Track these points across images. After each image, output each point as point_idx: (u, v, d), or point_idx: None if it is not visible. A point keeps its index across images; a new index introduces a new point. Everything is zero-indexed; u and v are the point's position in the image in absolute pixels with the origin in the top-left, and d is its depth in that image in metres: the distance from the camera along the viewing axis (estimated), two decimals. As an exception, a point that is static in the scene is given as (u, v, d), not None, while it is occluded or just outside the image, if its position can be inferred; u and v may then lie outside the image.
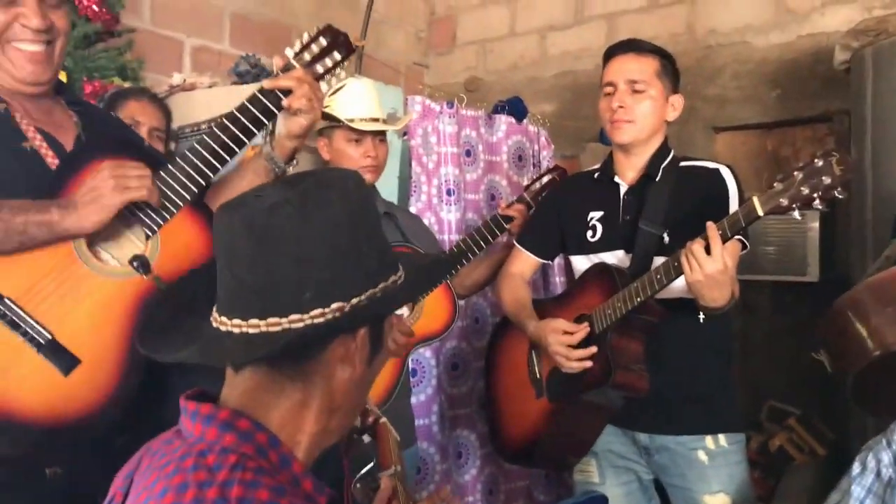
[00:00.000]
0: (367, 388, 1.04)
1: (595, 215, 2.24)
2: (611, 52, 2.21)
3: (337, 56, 1.70)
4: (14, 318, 1.40)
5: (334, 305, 0.93)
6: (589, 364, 2.06)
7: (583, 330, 2.09)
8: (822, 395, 3.50)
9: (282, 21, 4.16)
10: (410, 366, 2.73)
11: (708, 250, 1.81)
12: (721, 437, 2.12)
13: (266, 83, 1.64)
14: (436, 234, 3.16)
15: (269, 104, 1.62)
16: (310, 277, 0.92)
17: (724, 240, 1.82)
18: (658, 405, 2.10)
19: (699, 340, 2.11)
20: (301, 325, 0.92)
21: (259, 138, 2.75)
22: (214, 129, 1.60)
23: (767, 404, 3.68)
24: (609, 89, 2.17)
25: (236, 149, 1.60)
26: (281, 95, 1.63)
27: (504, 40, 4.78)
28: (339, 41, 1.71)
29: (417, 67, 4.98)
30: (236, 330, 0.93)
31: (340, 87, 2.41)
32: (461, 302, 3.18)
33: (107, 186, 1.45)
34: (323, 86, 1.72)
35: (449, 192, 3.19)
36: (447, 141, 3.19)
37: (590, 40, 4.42)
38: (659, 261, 2.05)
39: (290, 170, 1.73)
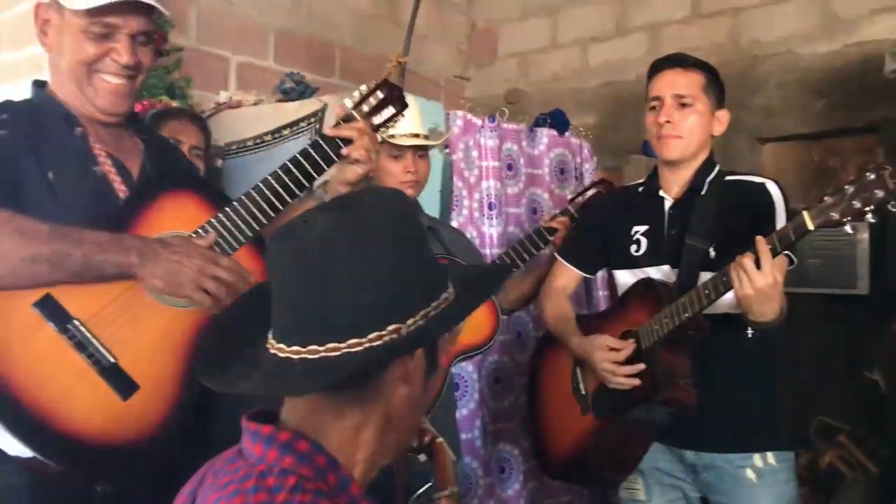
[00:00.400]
0: (423, 408, 1.05)
1: (639, 229, 2.23)
2: (656, 67, 2.20)
3: (391, 110, 1.76)
4: (82, 339, 1.45)
5: (391, 328, 0.94)
6: (636, 381, 2.05)
7: (629, 346, 2.08)
8: (873, 411, 3.42)
9: (325, 37, 4.21)
10: (453, 380, 2.74)
11: (758, 264, 1.80)
12: (769, 456, 2.08)
13: (328, 131, 1.70)
14: (477, 248, 3.17)
15: (329, 151, 1.68)
16: (365, 301, 0.93)
17: (774, 254, 1.80)
18: (705, 422, 2.07)
19: (747, 356, 2.08)
20: (360, 348, 0.93)
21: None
22: (278, 171, 1.65)
23: (816, 420, 3.60)
24: (655, 104, 2.16)
25: (297, 192, 1.65)
26: (341, 144, 1.68)
27: (545, 52, 4.78)
28: (394, 95, 1.76)
29: (458, 80, 5.00)
30: (295, 356, 0.94)
31: None
32: (504, 316, 3.18)
33: (188, 275, 1.49)
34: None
35: (490, 206, 3.19)
36: (488, 155, 3.20)
37: (632, 51, 4.40)
38: (705, 275, 2.03)
39: None
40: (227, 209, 1.61)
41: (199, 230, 1.60)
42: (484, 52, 5.03)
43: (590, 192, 2.59)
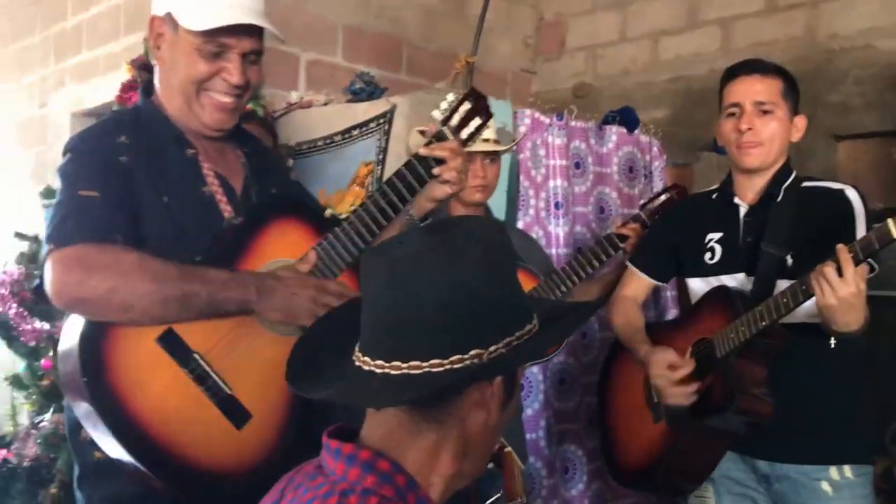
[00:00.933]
0: (499, 433, 1.06)
1: (713, 237, 2.19)
2: (732, 73, 2.15)
3: (478, 121, 1.76)
4: (201, 373, 1.51)
5: (473, 352, 0.95)
6: (692, 399, 2.04)
7: (688, 366, 2.07)
8: (953, 419, 3.30)
9: (392, 33, 4.23)
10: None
11: (840, 273, 1.75)
12: (846, 469, 2.03)
13: (422, 151, 1.71)
14: (543, 248, 3.15)
15: (422, 172, 1.70)
16: (451, 324, 0.94)
17: (857, 262, 1.76)
18: (781, 432, 2.03)
19: (826, 366, 2.03)
20: (440, 369, 0.94)
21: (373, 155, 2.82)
22: (375, 195, 1.69)
23: (893, 427, 3.50)
24: (734, 110, 2.11)
25: (393, 214, 1.69)
26: (433, 164, 1.70)
27: (615, 45, 4.71)
28: (480, 106, 1.76)
29: (525, 74, 4.96)
30: (378, 370, 0.97)
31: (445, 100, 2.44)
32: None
33: (304, 305, 1.57)
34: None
35: (557, 206, 3.17)
36: (556, 153, 3.18)
37: (704, 45, 4.30)
38: (782, 283, 1.99)
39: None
40: (330, 236, 1.67)
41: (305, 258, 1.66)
42: (552, 46, 4.98)
43: (662, 198, 2.54)
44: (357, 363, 1.00)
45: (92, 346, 1.45)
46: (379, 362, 0.97)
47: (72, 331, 1.49)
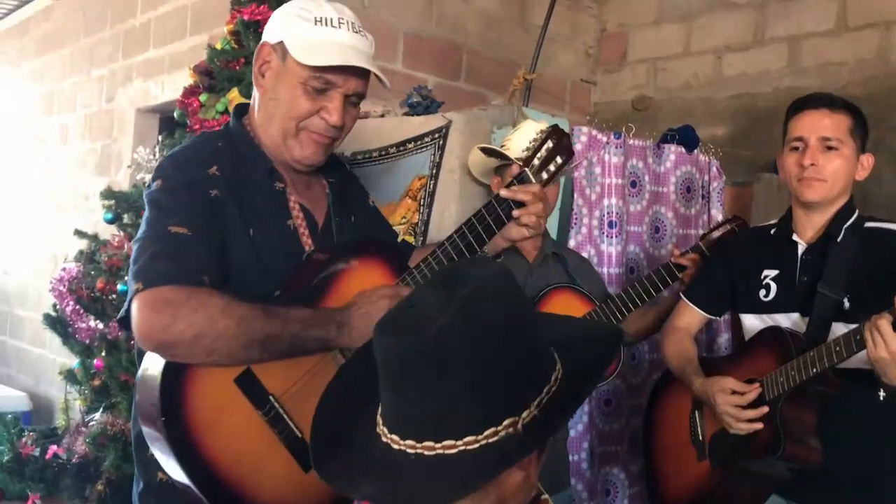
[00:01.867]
0: (535, 484, 1.04)
1: (769, 274, 2.14)
2: (800, 105, 2.10)
3: (559, 160, 1.75)
4: (276, 415, 1.51)
5: (507, 422, 0.93)
6: (759, 426, 1.98)
7: (754, 390, 2.01)
8: None
9: (453, 40, 4.22)
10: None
11: (895, 327, 1.70)
12: (894, 522, 1.97)
13: (504, 192, 1.68)
14: (595, 267, 3.12)
15: (502, 214, 1.67)
16: (481, 398, 0.93)
17: None
18: (828, 481, 1.98)
19: (879, 419, 1.97)
20: (476, 446, 0.93)
21: (427, 169, 2.82)
22: (454, 236, 1.67)
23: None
24: (798, 144, 2.06)
25: (469, 256, 1.67)
26: (513, 206, 1.68)
27: (677, 59, 4.64)
28: (562, 144, 1.75)
29: (584, 85, 4.92)
30: (410, 450, 0.95)
31: (518, 128, 2.43)
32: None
33: (378, 314, 1.52)
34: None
35: (611, 225, 3.13)
36: (612, 172, 3.13)
37: (770, 63, 4.21)
38: (838, 327, 1.94)
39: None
40: (408, 279, 1.66)
41: None
42: (613, 57, 4.93)
43: (722, 229, 2.48)
44: (384, 439, 0.98)
45: (173, 383, 1.45)
46: (409, 442, 0.95)
47: (154, 362, 1.49)
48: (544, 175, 1.74)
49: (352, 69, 1.59)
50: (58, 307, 3.17)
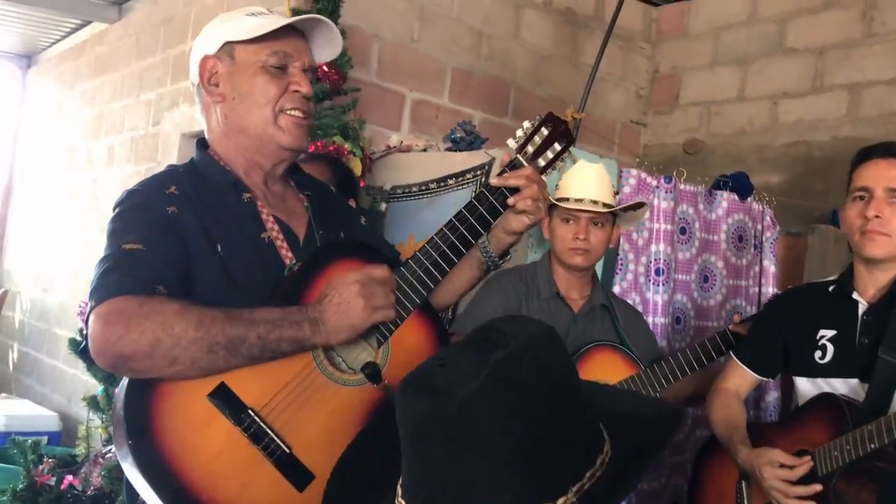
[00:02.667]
0: None
1: (826, 334, 2.00)
2: (865, 155, 1.98)
3: (557, 147, 1.62)
4: (257, 430, 1.40)
5: None
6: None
7: (804, 465, 1.86)
8: None
9: (501, 77, 4.16)
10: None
11: None
12: None
13: (494, 181, 1.59)
14: (653, 334, 2.98)
15: (495, 202, 1.57)
16: (507, 478, 0.82)
17: None
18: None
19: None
20: None
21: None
22: (444, 229, 1.57)
23: None
24: (862, 194, 1.94)
25: (463, 249, 1.57)
26: (507, 193, 1.57)
27: (731, 103, 4.51)
28: (559, 130, 1.63)
29: (634, 126, 4.81)
30: None
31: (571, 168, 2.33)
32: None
33: (356, 305, 1.44)
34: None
35: (658, 272, 3.01)
36: (661, 217, 3.02)
37: (828, 110, 4.07)
38: None
39: (503, 265, 1.69)
40: (398, 272, 1.55)
41: None
42: (664, 98, 4.82)
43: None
44: None
45: (138, 403, 1.36)
46: None
47: (123, 382, 1.41)
48: (541, 162, 1.62)
49: (301, 43, 1.59)
50: (84, 331, 3.12)
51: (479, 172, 2.70)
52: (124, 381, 1.40)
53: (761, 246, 3.31)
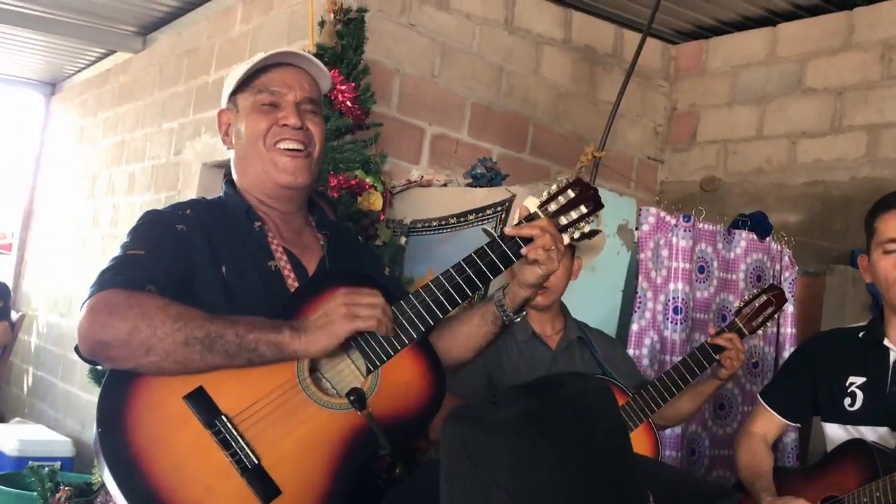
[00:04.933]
0: None
1: (856, 381, 1.99)
2: (889, 204, 1.97)
3: (583, 209, 1.60)
4: (227, 436, 1.41)
5: None
6: None
7: None
8: None
9: (521, 113, 4.19)
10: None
11: None
12: None
13: (508, 230, 1.58)
14: (657, 354, 2.98)
15: (507, 251, 1.56)
16: None
17: None
18: None
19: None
20: None
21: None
22: (451, 270, 1.56)
23: None
24: (894, 246, 1.94)
25: (469, 292, 1.56)
26: (521, 243, 1.56)
27: (749, 142, 4.52)
28: (587, 195, 1.61)
29: (652, 163, 4.83)
30: None
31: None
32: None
33: (338, 313, 1.46)
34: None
35: (676, 311, 3.01)
36: (680, 255, 3.02)
37: (847, 151, 4.06)
38: None
39: (518, 320, 1.67)
40: (398, 305, 1.55)
41: None
42: (682, 136, 4.83)
43: (757, 303, 2.30)
44: None
45: (113, 394, 1.39)
46: None
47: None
48: (562, 220, 1.59)
49: (292, 79, 1.67)
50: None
51: (499, 209, 2.71)
52: (108, 374, 1.43)
53: (780, 286, 3.30)
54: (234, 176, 1.74)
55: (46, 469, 3.09)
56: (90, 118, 6.27)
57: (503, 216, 2.69)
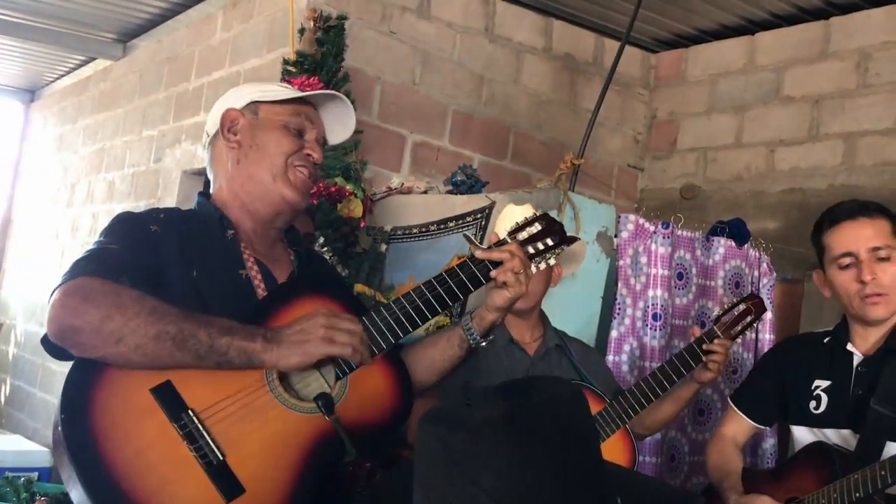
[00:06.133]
0: None
1: (821, 384, 2.02)
2: (834, 219, 2.00)
3: (549, 242, 1.68)
4: (193, 430, 1.40)
5: None
6: None
7: None
8: None
9: (502, 121, 4.21)
10: None
11: None
12: None
13: (479, 253, 1.62)
14: (637, 360, 3.00)
15: (477, 272, 1.61)
16: None
17: None
18: None
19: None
20: None
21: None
22: (421, 286, 1.59)
23: None
24: (847, 260, 1.96)
25: (438, 308, 1.59)
26: (490, 266, 1.60)
27: (728, 150, 4.56)
28: (553, 229, 1.69)
29: (632, 170, 4.86)
30: None
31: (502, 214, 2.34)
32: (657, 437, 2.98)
33: (315, 334, 1.46)
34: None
35: (655, 317, 3.02)
36: (659, 262, 3.04)
37: (824, 159, 4.11)
38: (894, 447, 1.80)
39: (485, 345, 1.67)
40: (364, 319, 1.56)
41: None
42: (662, 144, 4.87)
43: (736, 311, 2.32)
44: None
45: (79, 381, 1.39)
46: None
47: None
48: (530, 249, 1.66)
49: (315, 115, 1.73)
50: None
51: (479, 216, 2.72)
52: (75, 361, 1.43)
53: (758, 292, 3.33)
54: (217, 184, 1.73)
55: (22, 479, 3.06)
56: (69, 126, 6.23)
57: (483, 223, 2.70)
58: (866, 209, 1.98)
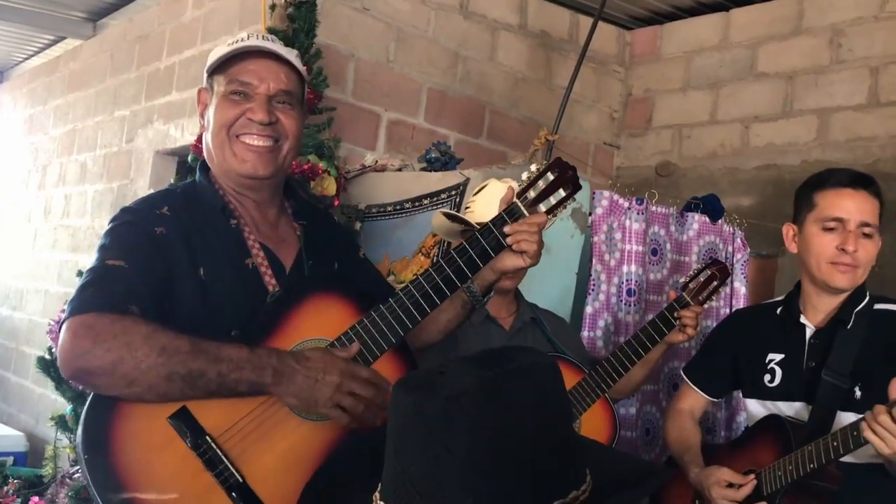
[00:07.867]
0: None
1: (774, 357, 2.03)
2: (840, 181, 1.94)
3: (562, 193, 1.59)
4: (212, 456, 1.41)
5: None
6: None
7: (749, 484, 1.89)
8: None
9: (477, 98, 4.19)
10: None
11: None
12: None
13: (508, 230, 1.56)
14: (611, 336, 3.01)
15: (487, 247, 1.56)
16: (475, 484, 0.83)
17: None
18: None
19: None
20: None
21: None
22: (430, 270, 1.56)
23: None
24: (835, 225, 1.92)
25: (448, 291, 1.56)
26: (499, 237, 1.56)
27: (703, 127, 4.57)
28: (566, 176, 1.59)
29: (608, 148, 4.86)
30: None
31: (482, 188, 2.32)
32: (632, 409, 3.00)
33: (325, 392, 1.45)
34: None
35: (630, 293, 3.04)
36: (633, 238, 3.05)
37: (798, 135, 4.13)
38: (846, 417, 1.83)
39: (486, 303, 1.69)
40: (373, 314, 1.55)
41: (343, 337, 1.55)
42: (637, 121, 4.87)
43: (702, 277, 2.33)
44: None
45: (97, 419, 1.39)
46: None
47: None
48: (542, 207, 1.57)
49: (266, 71, 1.60)
50: (53, 350, 3.06)
51: (454, 192, 2.71)
52: (91, 397, 1.43)
53: (732, 268, 3.35)
54: (208, 160, 1.69)
55: (-5, 462, 3.04)
56: (40, 107, 6.13)
57: (458, 199, 2.69)
58: (871, 185, 1.94)
